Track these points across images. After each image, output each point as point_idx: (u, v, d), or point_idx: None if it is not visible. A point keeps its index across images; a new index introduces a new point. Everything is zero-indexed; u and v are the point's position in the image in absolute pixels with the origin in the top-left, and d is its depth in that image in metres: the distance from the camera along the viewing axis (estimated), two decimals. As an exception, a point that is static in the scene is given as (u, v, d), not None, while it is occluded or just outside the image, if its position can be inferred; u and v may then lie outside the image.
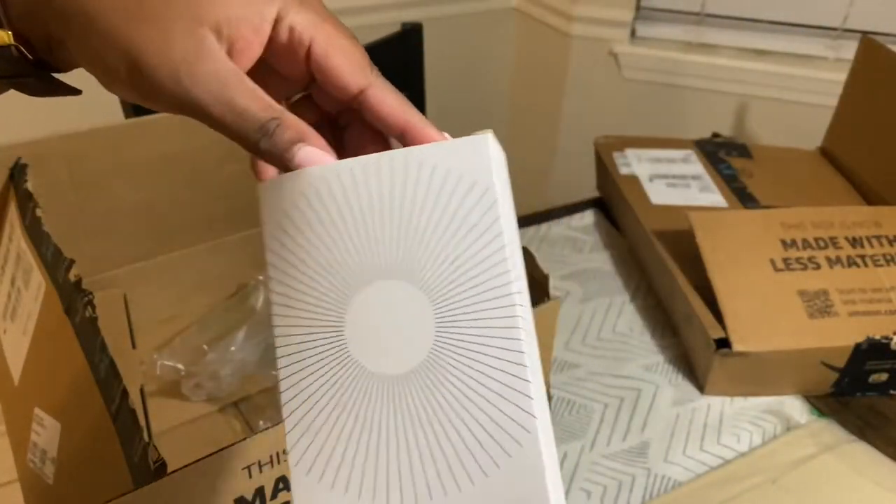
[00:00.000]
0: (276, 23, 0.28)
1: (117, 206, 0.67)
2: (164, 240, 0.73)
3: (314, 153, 0.28)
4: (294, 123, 0.28)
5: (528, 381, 0.26)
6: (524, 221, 0.93)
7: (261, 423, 0.63)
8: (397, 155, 0.28)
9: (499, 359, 0.26)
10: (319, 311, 0.28)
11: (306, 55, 0.28)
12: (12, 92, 0.32)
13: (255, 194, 0.30)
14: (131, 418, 0.40)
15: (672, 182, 0.89)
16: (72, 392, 0.47)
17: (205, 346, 0.66)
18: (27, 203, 0.54)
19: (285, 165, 0.29)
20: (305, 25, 0.28)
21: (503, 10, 1.62)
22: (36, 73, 0.29)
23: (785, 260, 0.70)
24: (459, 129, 0.31)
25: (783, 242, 0.71)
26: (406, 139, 0.30)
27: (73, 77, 0.31)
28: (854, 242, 0.71)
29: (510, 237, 0.27)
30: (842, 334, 0.65)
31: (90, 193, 0.64)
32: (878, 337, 0.64)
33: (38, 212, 0.53)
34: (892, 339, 0.64)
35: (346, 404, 0.27)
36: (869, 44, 0.89)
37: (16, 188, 0.57)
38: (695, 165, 0.93)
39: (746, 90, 1.35)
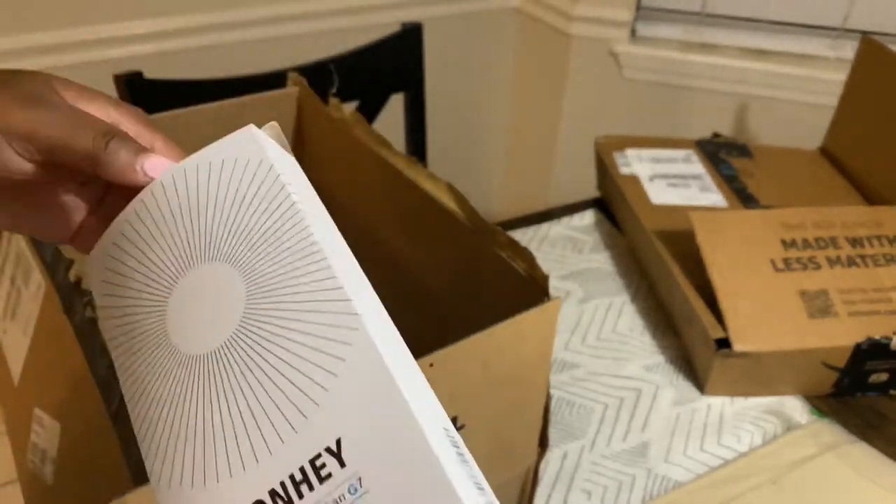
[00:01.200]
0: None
1: (117, 206, 0.67)
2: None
3: (161, 161, 0.30)
4: (132, 139, 0.30)
5: (340, 287, 0.26)
6: (524, 221, 0.93)
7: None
8: (185, 164, 0.30)
9: (310, 284, 0.26)
10: (143, 315, 0.29)
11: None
12: None
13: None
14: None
15: (672, 182, 0.89)
16: (71, 392, 0.47)
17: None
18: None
19: (131, 178, 0.29)
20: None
21: (503, 9, 1.62)
22: None
23: (785, 260, 0.70)
24: (460, 128, 0.31)
25: (783, 242, 0.71)
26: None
27: (72, 74, 0.31)
28: (854, 242, 0.71)
29: (298, 190, 0.29)
30: (842, 334, 0.65)
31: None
32: (878, 337, 0.64)
33: (38, 212, 0.52)
34: (892, 339, 0.64)
35: (175, 397, 0.27)
36: (869, 43, 0.89)
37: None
38: (695, 165, 0.93)
39: (747, 90, 1.35)
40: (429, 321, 0.59)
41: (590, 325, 0.77)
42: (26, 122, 0.28)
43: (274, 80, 0.96)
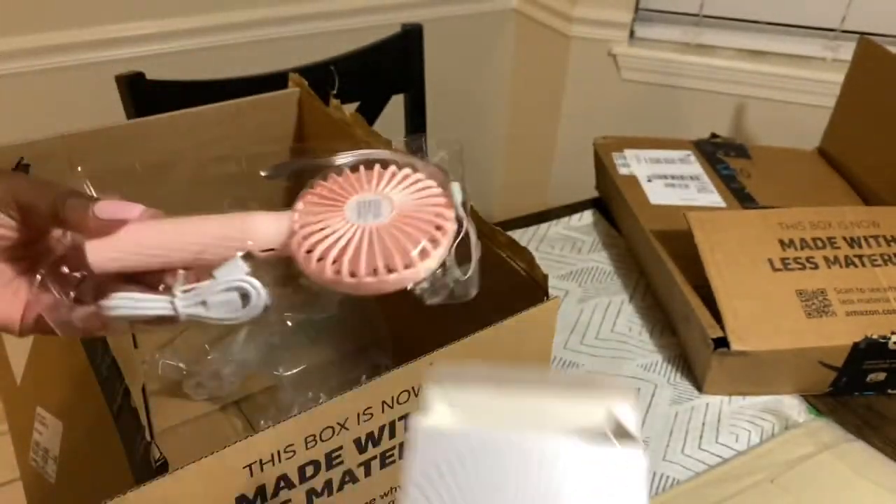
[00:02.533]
0: None
1: (118, 207, 0.67)
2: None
3: (108, 204, 0.34)
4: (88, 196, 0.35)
5: None
6: (523, 222, 0.93)
7: (262, 421, 0.64)
8: (558, 446, 0.25)
9: None
10: None
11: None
12: (14, 93, 0.33)
13: (254, 194, 0.30)
14: (133, 417, 0.40)
15: (671, 182, 0.89)
16: (74, 391, 0.47)
17: (206, 346, 0.67)
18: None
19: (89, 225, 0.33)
20: None
21: (503, 11, 1.62)
22: None
23: (783, 260, 0.70)
24: (460, 128, 0.31)
25: (781, 242, 0.71)
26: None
27: (74, 75, 0.31)
28: (852, 242, 0.71)
29: None
30: (840, 334, 0.65)
31: (91, 193, 0.64)
32: (876, 336, 0.65)
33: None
34: (889, 338, 0.65)
35: None
36: (867, 44, 0.89)
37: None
38: (693, 166, 0.93)
39: (745, 91, 1.35)
40: (428, 321, 0.59)
41: (589, 324, 0.77)
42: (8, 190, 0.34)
43: (275, 81, 0.96)
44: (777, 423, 0.66)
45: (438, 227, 0.34)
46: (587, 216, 0.94)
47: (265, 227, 0.35)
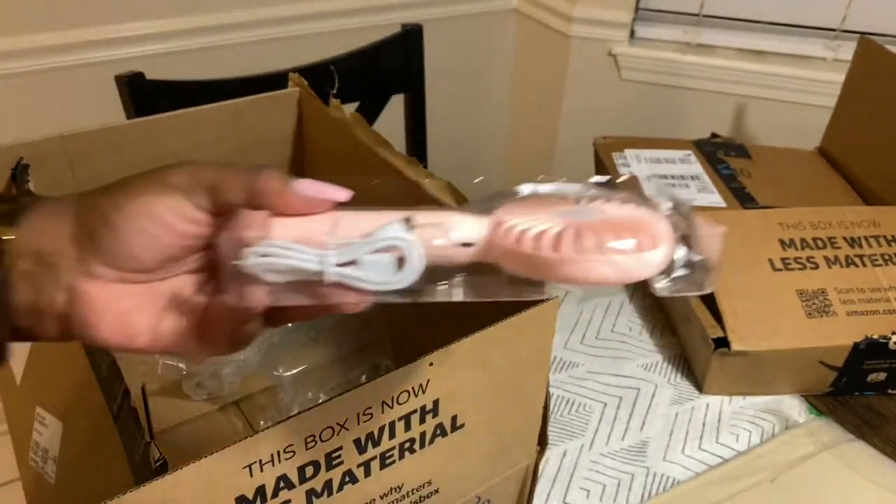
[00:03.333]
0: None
1: (118, 207, 0.67)
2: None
3: (308, 182, 0.31)
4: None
5: None
6: (524, 222, 0.93)
7: (262, 421, 0.64)
8: None
9: None
10: None
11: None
12: (13, 94, 0.32)
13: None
14: (132, 417, 0.40)
15: (671, 182, 0.89)
16: (73, 391, 0.47)
17: (205, 346, 0.66)
18: (29, 203, 0.55)
19: (286, 200, 0.30)
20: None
21: (503, 11, 1.62)
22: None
23: (783, 260, 0.70)
24: (460, 128, 0.31)
25: (781, 242, 0.71)
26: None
27: (74, 75, 0.31)
28: (852, 242, 0.71)
29: None
30: (840, 334, 0.65)
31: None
32: (876, 336, 0.65)
33: (40, 212, 0.53)
34: (890, 338, 0.65)
35: None
36: (867, 44, 0.89)
37: (18, 188, 0.57)
38: (693, 166, 0.93)
39: (745, 91, 1.35)
40: (428, 321, 0.59)
41: (589, 324, 0.77)
42: (189, 174, 0.31)
43: (275, 81, 0.96)
44: (777, 423, 0.66)
45: (653, 226, 0.30)
46: (587, 216, 0.94)
47: (464, 221, 0.32)
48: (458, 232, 0.31)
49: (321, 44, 1.24)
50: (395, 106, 1.16)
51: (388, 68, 1.11)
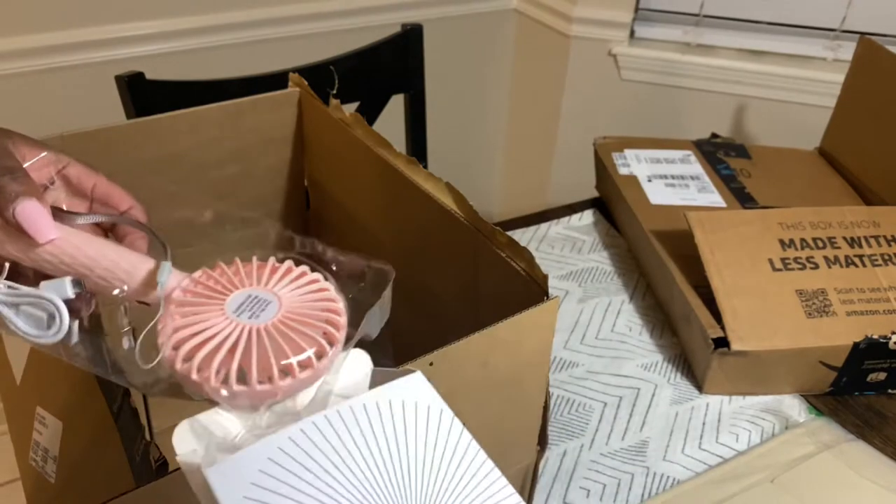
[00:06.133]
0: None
1: (118, 207, 0.67)
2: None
3: (33, 208, 0.32)
4: (29, 181, 0.33)
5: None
6: (524, 222, 0.93)
7: (261, 422, 0.64)
8: (353, 402, 0.30)
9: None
10: None
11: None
12: (13, 94, 0.33)
13: (255, 194, 0.30)
14: (133, 417, 0.40)
15: (671, 182, 0.89)
16: (73, 391, 0.47)
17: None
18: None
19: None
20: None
21: (503, 11, 1.62)
22: None
23: (783, 260, 0.70)
24: (460, 129, 0.31)
25: (781, 242, 0.71)
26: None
27: (74, 75, 0.31)
28: (852, 242, 0.71)
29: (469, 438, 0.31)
30: (840, 334, 0.65)
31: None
32: (876, 336, 0.65)
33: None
34: (890, 338, 0.65)
35: None
36: (867, 44, 0.89)
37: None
38: (693, 166, 0.93)
39: (745, 91, 1.35)
40: (428, 320, 0.59)
41: (589, 324, 0.77)
42: None
43: (275, 81, 0.96)
44: (777, 423, 0.66)
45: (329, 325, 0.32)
46: (587, 216, 0.94)
47: (148, 278, 0.33)
48: (134, 289, 0.34)
49: (321, 44, 1.24)
50: (395, 106, 1.16)
51: (388, 68, 1.11)
